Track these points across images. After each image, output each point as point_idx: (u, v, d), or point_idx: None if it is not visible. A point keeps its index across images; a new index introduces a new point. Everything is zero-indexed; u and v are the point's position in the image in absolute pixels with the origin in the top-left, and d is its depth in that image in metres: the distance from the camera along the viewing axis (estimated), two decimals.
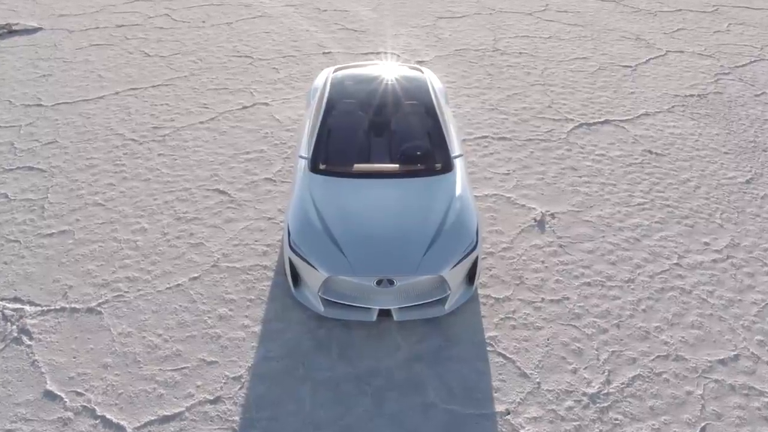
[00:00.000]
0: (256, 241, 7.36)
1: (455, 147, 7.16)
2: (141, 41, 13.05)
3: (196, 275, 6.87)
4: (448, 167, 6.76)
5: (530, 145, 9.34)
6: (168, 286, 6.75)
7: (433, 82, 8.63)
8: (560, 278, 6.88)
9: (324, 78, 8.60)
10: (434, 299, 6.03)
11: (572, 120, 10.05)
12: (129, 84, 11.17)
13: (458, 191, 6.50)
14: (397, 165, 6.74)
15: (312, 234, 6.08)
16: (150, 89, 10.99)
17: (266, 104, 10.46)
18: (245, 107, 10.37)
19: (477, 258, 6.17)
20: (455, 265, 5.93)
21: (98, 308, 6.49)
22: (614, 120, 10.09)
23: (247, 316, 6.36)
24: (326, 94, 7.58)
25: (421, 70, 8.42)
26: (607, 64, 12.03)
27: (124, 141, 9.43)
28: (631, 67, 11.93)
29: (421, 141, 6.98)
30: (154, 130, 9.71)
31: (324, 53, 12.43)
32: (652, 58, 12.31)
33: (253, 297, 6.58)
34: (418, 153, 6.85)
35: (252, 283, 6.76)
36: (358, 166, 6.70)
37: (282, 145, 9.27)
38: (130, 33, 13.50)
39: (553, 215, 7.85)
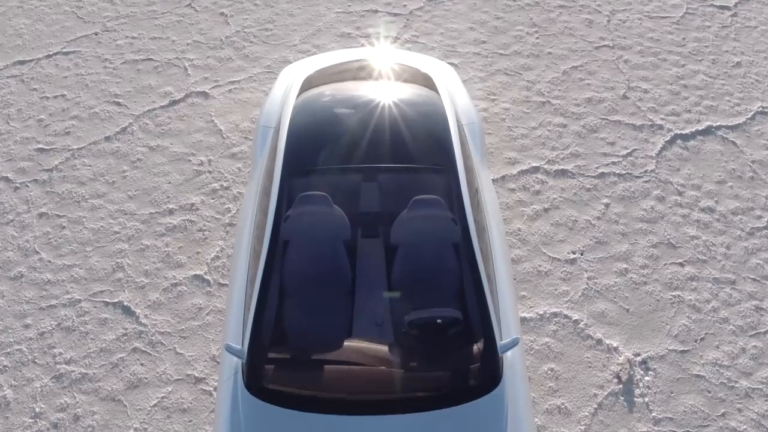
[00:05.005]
0: None
1: (508, 320, 4.10)
2: None
3: None
4: (492, 378, 3.79)
5: (603, 189, 6.19)
6: None
7: (460, 117, 5.23)
8: None
9: (281, 103, 5.26)
10: None
11: (660, 126, 6.77)
12: (16, 50, 7.66)
13: None
14: (400, 370, 3.79)
15: None
16: (43, 62, 7.52)
17: (205, 94, 7.09)
18: (174, 102, 7.02)
19: None
20: None
21: None
22: (719, 126, 6.80)
23: None
24: (278, 177, 4.32)
25: (436, 89, 5.04)
26: (697, 4, 8.35)
27: None
28: (728, 8, 8.27)
29: (436, 315, 3.91)
30: (39, 157, 6.50)
31: None
32: None
33: None
34: (432, 352, 3.83)
35: None
36: (329, 376, 3.76)
37: (223, 193, 6.13)
38: None
39: (645, 364, 5.00)
